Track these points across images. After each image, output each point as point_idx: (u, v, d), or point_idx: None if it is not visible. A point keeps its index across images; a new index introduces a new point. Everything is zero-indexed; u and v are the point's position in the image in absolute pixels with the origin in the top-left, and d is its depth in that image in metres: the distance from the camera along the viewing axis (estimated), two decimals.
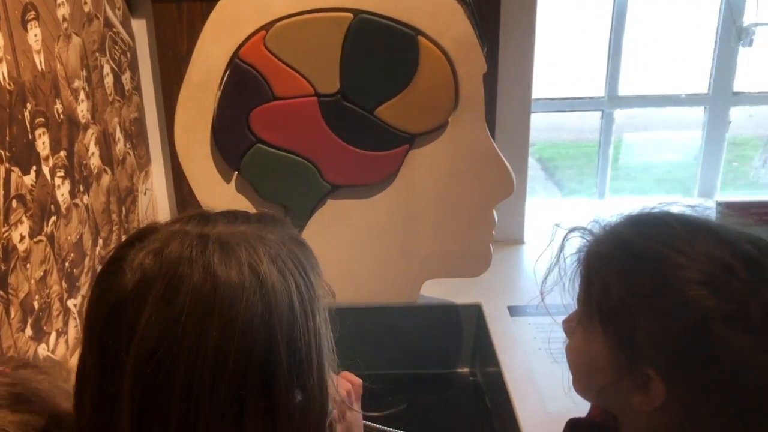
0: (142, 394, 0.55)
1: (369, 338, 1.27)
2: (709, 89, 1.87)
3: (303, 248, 0.63)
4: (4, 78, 0.95)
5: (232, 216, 0.62)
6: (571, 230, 0.74)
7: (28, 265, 1.01)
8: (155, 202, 1.63)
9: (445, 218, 1.23)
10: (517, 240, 1.70)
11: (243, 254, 0.58)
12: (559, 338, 0.82)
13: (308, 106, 1.13)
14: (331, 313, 0.64)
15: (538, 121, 1.76)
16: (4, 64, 0.95)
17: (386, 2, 1.11)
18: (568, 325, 0.76)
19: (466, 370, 1.51)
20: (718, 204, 1.72)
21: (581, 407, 0.79)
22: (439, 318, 1.47)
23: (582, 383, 0.74)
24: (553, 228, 0.77)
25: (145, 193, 1.57)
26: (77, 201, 1.19)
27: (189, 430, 0.55)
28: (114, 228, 1.37)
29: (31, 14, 1.03)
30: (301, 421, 0.60)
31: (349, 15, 1.11)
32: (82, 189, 1.21)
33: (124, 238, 1.33)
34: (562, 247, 0.75)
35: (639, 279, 0.67)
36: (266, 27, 1.11)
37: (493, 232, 1.24)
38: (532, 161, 1.79)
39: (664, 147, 2.44)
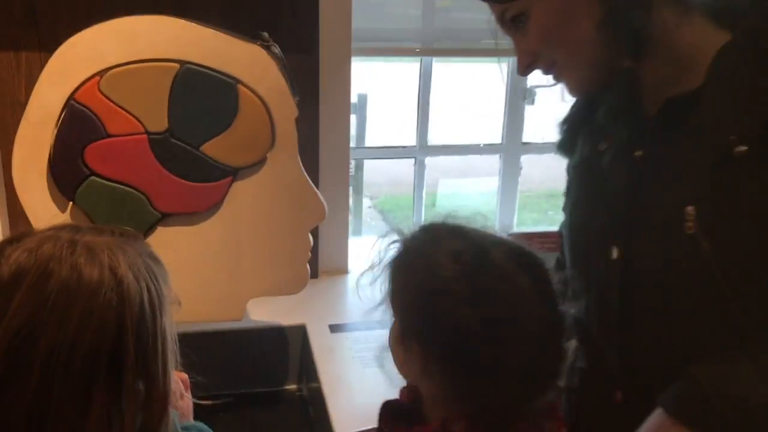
0: (6, 365, 0.65)
1: (204, 360, 1.38)
2: (502, 140, 2.14)
3: (156, 261, 0.76)
4: None
5: (99, 230, 0.75)
6: (390, 243, 0.88)
7: None
8: None
9: (265, 241, 1.37)
10: (342, 270, 1.88)
11: (105, 258, 0.70)
12: (370, 347, 0.96)
13: (139, 143, 1.25)
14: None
15: (379, 176, 1.97)
16: None
17: (209, 54, 1.26)
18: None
19: (293, 386, 1.64)
20: (509, 234, 2.02)
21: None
22: (268, 339, 1.60)
23: (396, 365, 0.87)
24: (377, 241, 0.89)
25: None
26: None
27: (42, 401, 0.65)
28: None
29: None
30: (146, 404, 0.70)
31: (176, 65, 1.24)
32: None
33: None
34: (381, 257, 0.88)
35: (402, 274, 0.86)
36: (100, 73, 1.22)
37: (309, 254, 1.40)
38: (373, 212, 1.99)
39: (471, 190, 2.76)
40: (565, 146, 1.04)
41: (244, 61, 1.28)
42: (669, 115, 0.89)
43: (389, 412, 0.91)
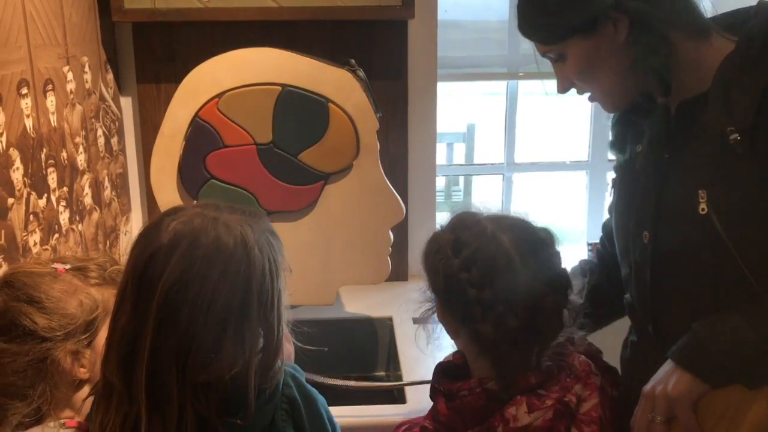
0: (164, 310, 0.83)
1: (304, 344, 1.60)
2: (589, 157, 2.25)
3: (274, 236, 0.93)
4: (29, 129, 1.34)
5: (233, 209, 0.92)
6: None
7: None
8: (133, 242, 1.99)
9: (352, 237, 1.57)
10: None
11: (238, 233, 0.87)
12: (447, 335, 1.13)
13: (249, 152, 1.51)
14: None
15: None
16: (31, 119, 1.34)
17: (305, 78, 1.49)
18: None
19: (382, 373, 1.84)
20: (588, 244, 2.12)
21: None
22: (359, 328, 1.80)
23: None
24: None
25: (125, 234, 1.93)
26: (74, 227, 1.55)
27: (188, 339, 0.83)
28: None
29: (50, 86, 1.43)
30: (265, 347, 0.88)
31: (278, 88, 1.49)
32: (77, 219, 1.57)
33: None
34: None
35: (425, 262, 1.04)
36: (219, 95, 1.49)
37: (390, 248, 1.59)
38: None
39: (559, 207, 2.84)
40: (615, 145, 1.17)
41: (334, 83, 1.51)
42: (683, 116, 1.03)
43: (440, 370, 1.07)
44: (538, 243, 0.98)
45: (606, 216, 1.30)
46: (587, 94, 1.11)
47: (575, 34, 1.01)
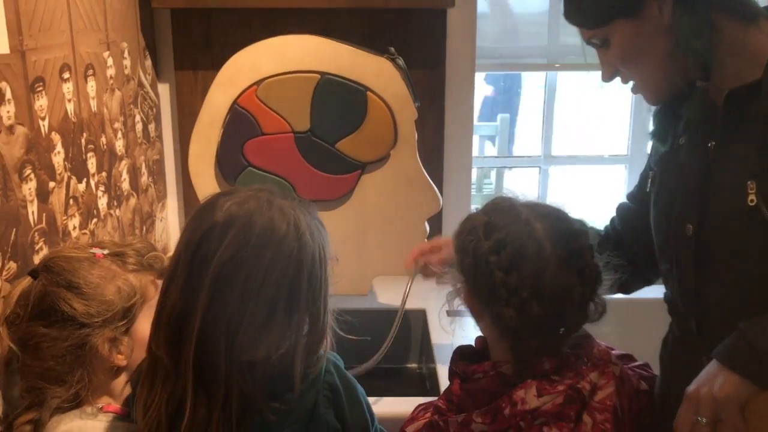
0: (216, 287, 0.84)
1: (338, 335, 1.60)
2: (628, 151, 2.21)
3: (322, 225, 0.94)
4: (71, 113, 1.35)
5: (285, 195, 0.94)
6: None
7: None
8: (168, 228, 2.00)
9: (387, 227, 1.56)
10: None
11: (291, 218, 0.88)
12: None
13: (287, 140, 1.51)
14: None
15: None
16: (72, 103, 1.35)
17: (344, 66, 1.49)
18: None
19: (414, 365, 1.83)
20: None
21: None
22: (392, 320, 1.79)
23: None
24: None
25: (161, 220, 1.94)
26: (111, 212, 1.56)
27: (238, 316, 0.85)
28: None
29: (90, 71, 1.44)
30: (310, 331, 0.90)
31: (317, 75, 1.48)
32: (115, 204, 1.58)
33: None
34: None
35: (459, 243, 1.03)
36: (257, 83, 1.49)
37: (426, 240, 1.59)
38: None
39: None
40: (657, 134, 1.14)
41: (373, 71, 1.50)
42: (733, 106, 1.00)
43: (458, 353, 1.07)
44: (571, 234, 0.96)
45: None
46: (631, 84, 1.09)
47: (620, 16, 1.01)
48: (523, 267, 0.93)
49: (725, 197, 1.00)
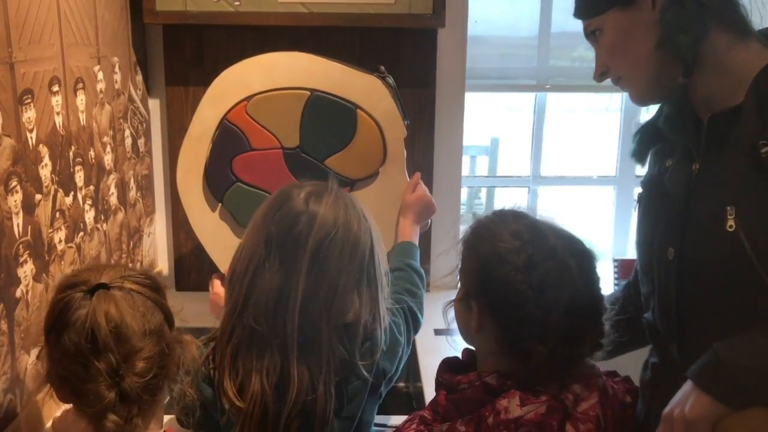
0: (313, 264, 1.02)
1: None
2: (616, 172, 2.23)
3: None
4: (59, 126, 1.34)
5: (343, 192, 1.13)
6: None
7: (62, 262, 1.35)
8: (156, 243, 1.99)
9: None
10: (452, 285, 2.03)
11: (358, 210, 1.10)
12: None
13: (276, 156, 1.51)
14: None
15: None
16: (61, 116, 1.35)
17: (334, 83, 1.50)
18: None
19: (401, 384, 1.81)
20: (615, 260, 2.09)
21: None
22: None
23: (457, 323, 1.06)
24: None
25: (149, 235, 1.93)
26: (99, 226, 1.55)
27: (336, 283, 1.03)
28: (123, 255, 1.73)
29: (80, 85, 1.44)
30: (371, 308, 1.08)
31: (307, 92, 1.49)
32: (102, 218, 1.58)
33: (130, 264, 1.69)
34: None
35: (469, 245, 1.04)
36: (247, 98, 1.49)
37: None
38: None
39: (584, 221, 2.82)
40: (636, 154, 1.16)
41: (363, 89, 1.51)
42: (715, 129, 1.01)
43: (445, 365, 1.07)
44: (596, 275, 1.00)
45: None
46: (620, 101, 1.10)
47: (614, 5, 1.03)
48: (560, 308, 0.94)
49: (705, 222, 1.00)
